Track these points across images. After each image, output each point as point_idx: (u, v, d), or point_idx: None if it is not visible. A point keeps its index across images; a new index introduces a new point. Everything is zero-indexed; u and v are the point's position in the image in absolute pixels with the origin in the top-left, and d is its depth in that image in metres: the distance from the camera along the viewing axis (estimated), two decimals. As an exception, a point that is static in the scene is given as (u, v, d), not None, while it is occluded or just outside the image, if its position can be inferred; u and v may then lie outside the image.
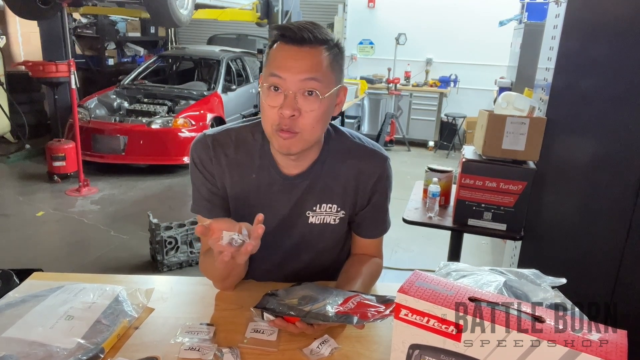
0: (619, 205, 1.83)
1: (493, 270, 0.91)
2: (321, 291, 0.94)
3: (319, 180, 1.07)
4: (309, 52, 0.92)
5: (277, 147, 0.97)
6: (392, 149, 6.72)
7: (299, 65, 0.91)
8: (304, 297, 0.91)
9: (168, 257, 3.03)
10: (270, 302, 0.90)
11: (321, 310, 0.85)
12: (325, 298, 0.90)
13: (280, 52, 0.93)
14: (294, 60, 0.91)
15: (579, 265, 1.94)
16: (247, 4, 5.82)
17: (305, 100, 0.92)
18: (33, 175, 4.85)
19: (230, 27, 7.90)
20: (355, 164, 1.08)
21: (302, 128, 0.94)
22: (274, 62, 0.93)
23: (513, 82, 3.93)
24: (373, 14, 7.08)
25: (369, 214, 1.12)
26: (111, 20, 7.59)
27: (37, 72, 4.44)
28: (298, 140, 0.95)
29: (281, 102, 0.92)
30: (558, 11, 1.88)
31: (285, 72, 0.91)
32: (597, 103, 1.81)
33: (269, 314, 0.87)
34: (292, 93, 0.91)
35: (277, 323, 0.87)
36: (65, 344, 0.81)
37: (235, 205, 1.09)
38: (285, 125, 0.93)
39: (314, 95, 0.93)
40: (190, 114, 5.03)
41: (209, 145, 1.05)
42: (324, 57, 0.93)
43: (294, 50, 0.92)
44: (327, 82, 0.94)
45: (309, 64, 0.92)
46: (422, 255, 3.32)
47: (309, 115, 0.93)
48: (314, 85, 0.92)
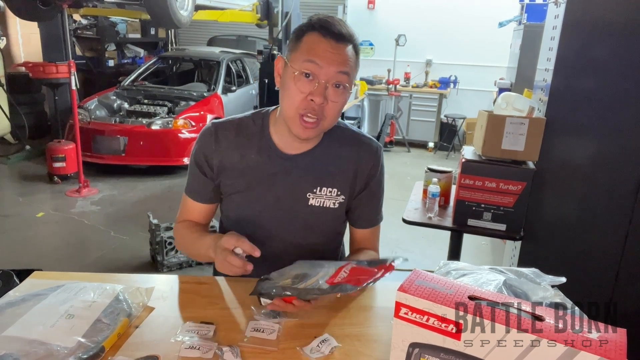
0: (619, 205, 1.83)
1: (493, 269, 0.91)
2: (313, 266, 0.95)
3: (318, 162, 1.11)
4: (344, 47, 0.99)
5: (297, 132, 1.02)
6: (392, 150, 6.72)
7: (337, 59, 0.98)
8: (296, 275, 0.92)
9: (168, 258, 3.03)
10: (264, 286, 0.91)
11: (315, 285, 0.86)
12: (318, 272, 0.91)
13: (320, 43, 0.98)
14: (332, 53, 0.98)
15: (579, 265, 1.94)
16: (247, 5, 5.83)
17: (334, 91, 0.99)
18: (33, 176, 4.85)
19: (230, 29, 7.91)
20: (355, 150, 1.14)
21: (327, 115, 1.01)
22: (312, 50, 0.98)
23: (512, 82, 3.93)
24: (373, 15, 7.10)
25: (365, 199, 1.17)
26: (111, 21, 7.59)
27: (37, 73, 4.45)
28: (320, 128, 1.03)
29: (312, 89, 0.98)
30: (557, 12, 1.88)
31: (323, 61, 0.97)
32: (596, 103, 1.82)
33: (265, 298, 0.88)
34: (324, 82, 0.98)
35: (275, 304, 0.89)
36: (65, 343, 0.81)
37: (236, 186, 1.12)
38: (312, 112, 0.99)
39: (341, 88, 1.00)
40: (190, 115, 5.03)
41: (212, 130, 1.12)
42: (352, 54, 1.01)
43: (332, 45, 0.98)
44: (352, 77, 1.02)
45: (344, 58, 0.99)
46: (422, 255, 3.32)
47: (334, 105, 1.00)
48: (344, 79, 0.99)
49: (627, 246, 1.84)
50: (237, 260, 0.94)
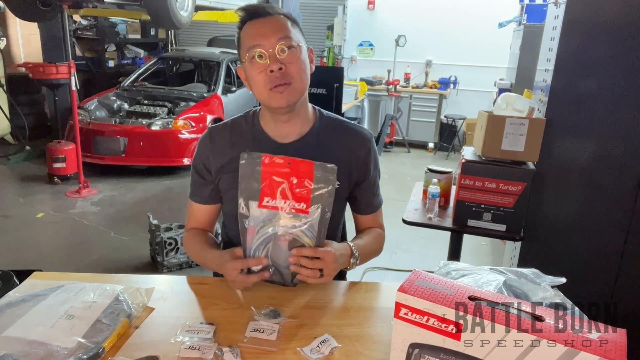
0: (619, 205, 1.83)
1: (493, 269, 0.91)
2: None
3: (312, 149, 1.14)
4: (273, 19, 1.07)
5: (276, 103, 1.07)
6: (391, 151, 6.72)
7: (271, 29, 1.05)
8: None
9: (168, 259, 3.03)
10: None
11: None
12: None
13: (252, 27, 1.07)
14: (265, 27, 1.06)
15: (579, 265, 1.94)
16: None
17: (286, 55, 1.05)
18: (33, 176, 4.85)
19: (231, 29, 7.89)
20: (346, 139, 1.19)
21: (292, 77, 1.05)
22: (250, 37, 1.06)
23: (512, 83, 3.93)
24: (373, 16, 7.10)
25: (365, 187, 1.23)
26: (111, 22, 7.60)
27: (37, 74, 4.44)
28: (292, 91, 1.06)
29: (267, 65, 1.04)
30: (557, 12, 1.88)
31: (262, 39, 1.04)
32: (596, 104, 1.82)
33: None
34: (272, 52, 1.04)
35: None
36: (65, 343, 0.81)
37: (234, 181, 1.12)
38: (277, 80, 1.04)
39: (291, 49, 1.05)
40: (190, 115, 5.03)
41: (207, 134, 1.21)
42: (284, 21, 1.08)
43: (261, 22, 1.07)
44: (296, 39, 1.08)
45: (277, 26, 1.06)
46: (422, 256, 3.32)
47: (293, 65, 1.05)
48: (288, 42, 1.05)
49: (627, 246, 1.84)
50: (254, 277, 1.00)
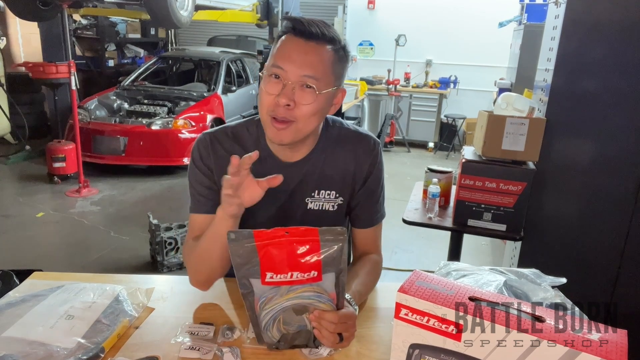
0: (619, 205, 1.83)
1: (493, 269, 0.91)
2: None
3: (317, 167, 1.09)
4: (314, 47, 0.95)
5: (271, 136, 1.00)
6: (391, 150, 6.72)
7: (302, 60, 0.94)
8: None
9: (168, 258, 3.03)
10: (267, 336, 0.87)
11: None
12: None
13: (287, 44, 0.96)
14: (298, 53, 0.94)
15: (579, 265, 1.93)
16: (247, 5, 5.83)
17: (302, 93, 0.95)
18: (33, 176, 4.84)
19: (230, 29, 7.90)
20: (352, 149, 1.11)
21: (297, 118, 0.96)
22: (279, 53, 0.96)
23: (513, 83, 3.93)
24: (373, 15, 7.09)
25: (363, 198, 1.13)
26: (111, 21, 7.59)
27: (37, 73, 4.44)
28: (292, 131, 0.97)
29: (279, 90, 0.94)
30: (557, 12, 1.88)
31: (287, 65, 0.94)
32: (596, 103, 1.81)
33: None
34: (290, 84, 0.94)
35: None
36: (65, 344, 0.81)
37: None
38: (280, 114, 0.95)
39: (310, 90, 0.95)
40: (190, 115, 5.03)
41: (207, 141, 1.09)
42: (327, 56, 0.96)
43: (301, 44, 0.94)
44: (326, 82, 0.96)
45: (312, 60, 0.94)
46: (422, 256, 3.32)
47: (304, 107, 0.95)
48: (312, 82, 0.94)
49: (627, 246, 1.84)
50: (263, 182, 0.92)
